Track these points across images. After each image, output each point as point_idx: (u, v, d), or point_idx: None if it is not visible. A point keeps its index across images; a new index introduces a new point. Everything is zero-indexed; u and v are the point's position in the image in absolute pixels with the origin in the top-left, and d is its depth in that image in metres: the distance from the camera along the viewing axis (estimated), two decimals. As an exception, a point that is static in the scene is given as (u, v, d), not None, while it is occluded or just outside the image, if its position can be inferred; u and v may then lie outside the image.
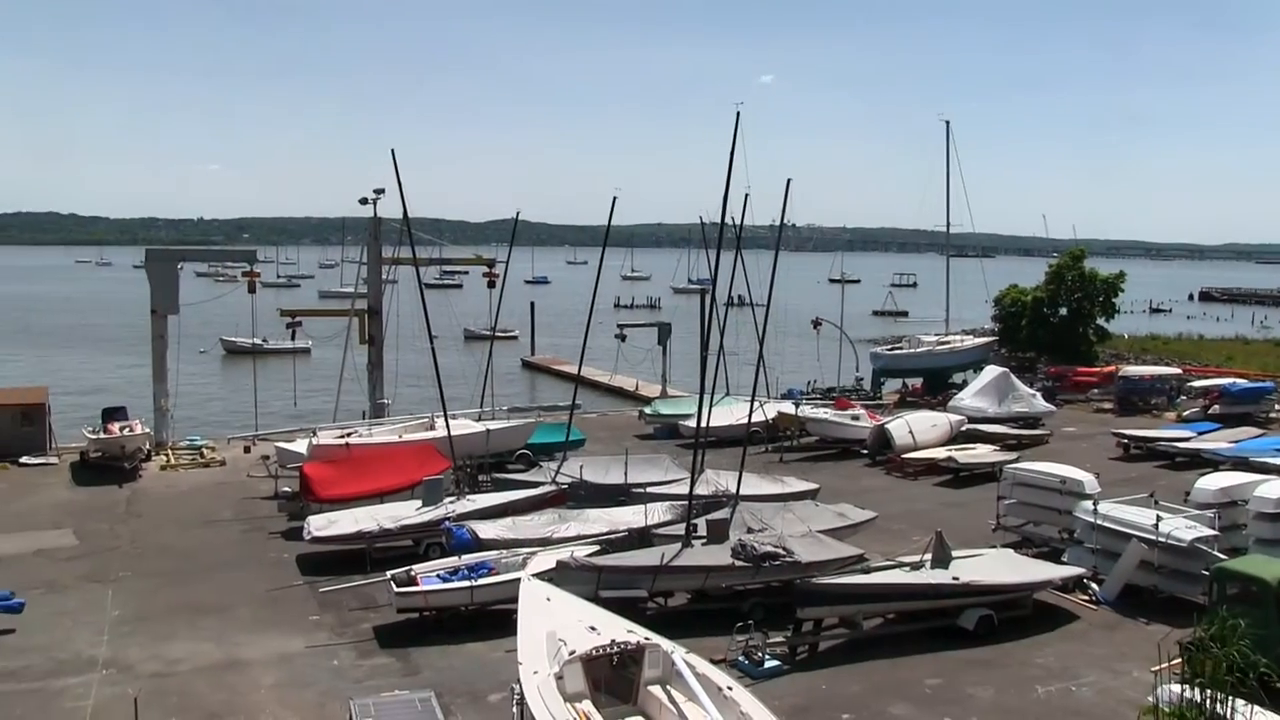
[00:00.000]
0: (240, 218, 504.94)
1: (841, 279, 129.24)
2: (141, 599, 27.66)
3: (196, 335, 64.69)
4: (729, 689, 17.23)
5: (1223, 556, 25.74)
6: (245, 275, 51.56)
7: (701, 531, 27.89)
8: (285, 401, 51.71)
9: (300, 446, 39.10)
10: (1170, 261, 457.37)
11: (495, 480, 37.34)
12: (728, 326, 34.60)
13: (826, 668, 23.28)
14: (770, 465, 41.64)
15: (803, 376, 65.57)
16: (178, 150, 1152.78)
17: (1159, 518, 27.18)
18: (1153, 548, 26.82)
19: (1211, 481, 31.63)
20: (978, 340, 73.77)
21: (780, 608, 25.07)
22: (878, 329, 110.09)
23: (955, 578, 25.39)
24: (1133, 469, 43.21)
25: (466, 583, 25.58)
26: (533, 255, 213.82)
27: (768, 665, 22.85)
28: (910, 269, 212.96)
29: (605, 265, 43.15)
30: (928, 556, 26.11)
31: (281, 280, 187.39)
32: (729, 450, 37.43)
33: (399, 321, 47.23)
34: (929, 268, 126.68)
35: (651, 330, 66.68)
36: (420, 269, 38.74)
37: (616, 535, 28.70)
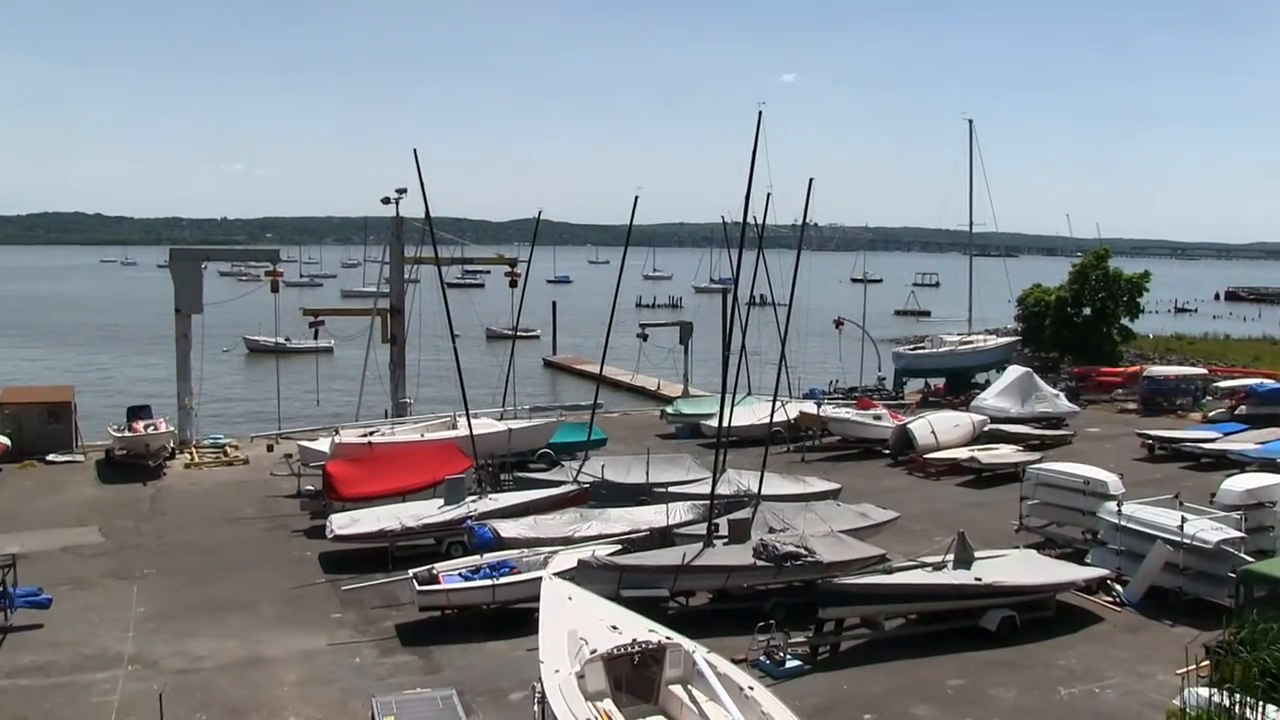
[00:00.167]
0: (263, 217, 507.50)
1: (864, 278, 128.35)
2: (166, 596, 27.84)
3: (220, 334, 65.06)
4: (750, 689, 17.22)
5: (1249, 559, 25.57)
6: (268, 275, 51.85)
7: (723, 531, 27.87)
8: (308, 400, 51.96)
9: (323, 445, 39.20)
10: (1196, 261, 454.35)
11: (517, 479, 37.39)
12: (750, 326, 34.61)
13: (848, 668, 23.22)
14: (792, 465, 41.59)
15: (825, 376, 65.44)
16: (202, 150, 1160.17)
17: (1184, 519, 26.99)
18: (1178, 549, 26.62)
19: (1238, 483, 31.38)
20: (1001, 340, 73.42)
21: (802, 608, 25.00)
22: (900, 329, 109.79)
23: (978, 578, 25.28)
24: (1157, 470, 42.92)
25: (488, 581, 25.63)
26: (554, 255, 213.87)
27: (789, 665, 22.81)
28: (933, 268, 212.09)
29: (627, 265, 43.15)
30: (950, 557, 26.00)
31: (304, 280, 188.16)
32: (751, 450, 37.36)
33: (421, 321, 47.35)
34: (951, 267, 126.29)
35: (673, 330, 66.64)
36: (442, 268, 38.85)
37: (638, 535, 28.73)
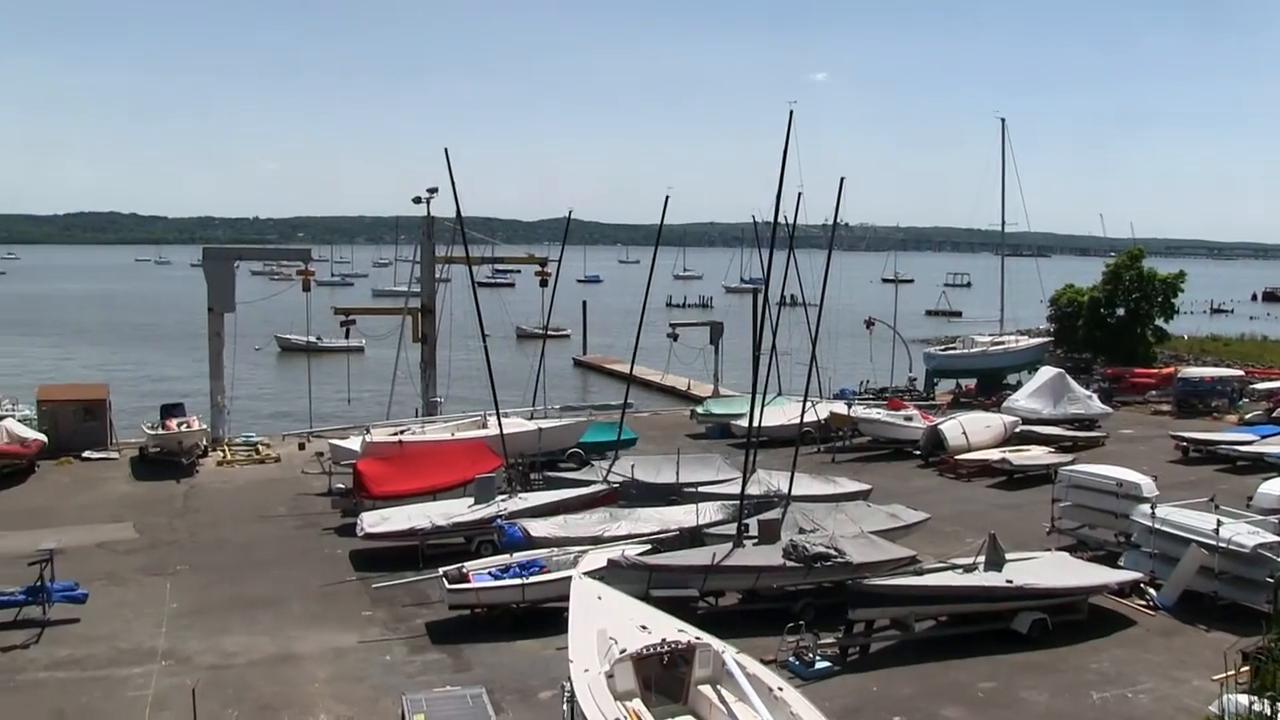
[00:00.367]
0: (295, 217, 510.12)
1: (895, 279, 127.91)
2: (198, 592, 28.08)
3: (252, 333, 65.39)
4: (779, 689, 17.19)
5: (1287, 563, 25.27)
6: (300, 274, 52.09)
7: (753, 531, 27.83)
8: (339, 399, 52.21)
9: (354, 444, 39.37)
10: (1233, 261, 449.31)
11: (547, 478, 37.43)
12: (780, 326, 34.47)
13: (878, 669, 23.15)
14: (822, 465, 41.57)
15: (855, 376, 65.18)
16: (234, 150, 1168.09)
17: (1220, 522, 26.72)
18: (1213, 553, 26.34)
19: (1275, 486, 31.10)
20: (1033, 341, 73.02)
21: (831, 609, 24.96)
22: (931, 329, 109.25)
23: (1009, 580, 25.14)
24: (1192, 472, 42.53)
25: (518, 580, 25.68)
26: (585, 254, 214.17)
27: (818, 666, 22.77)
28: (964, 268, 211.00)
29: (657, 264, 43.11)
30: (981, 559, 25.88)
31: (336, 279, 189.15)
32: (781, 450, 37.27)
33: (452, 320, 47.52)
34: (983, 267, 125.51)
35: (703, 329, 66.53)
36: (473, 267, 38.92)
37: (668, 534, 28.73)
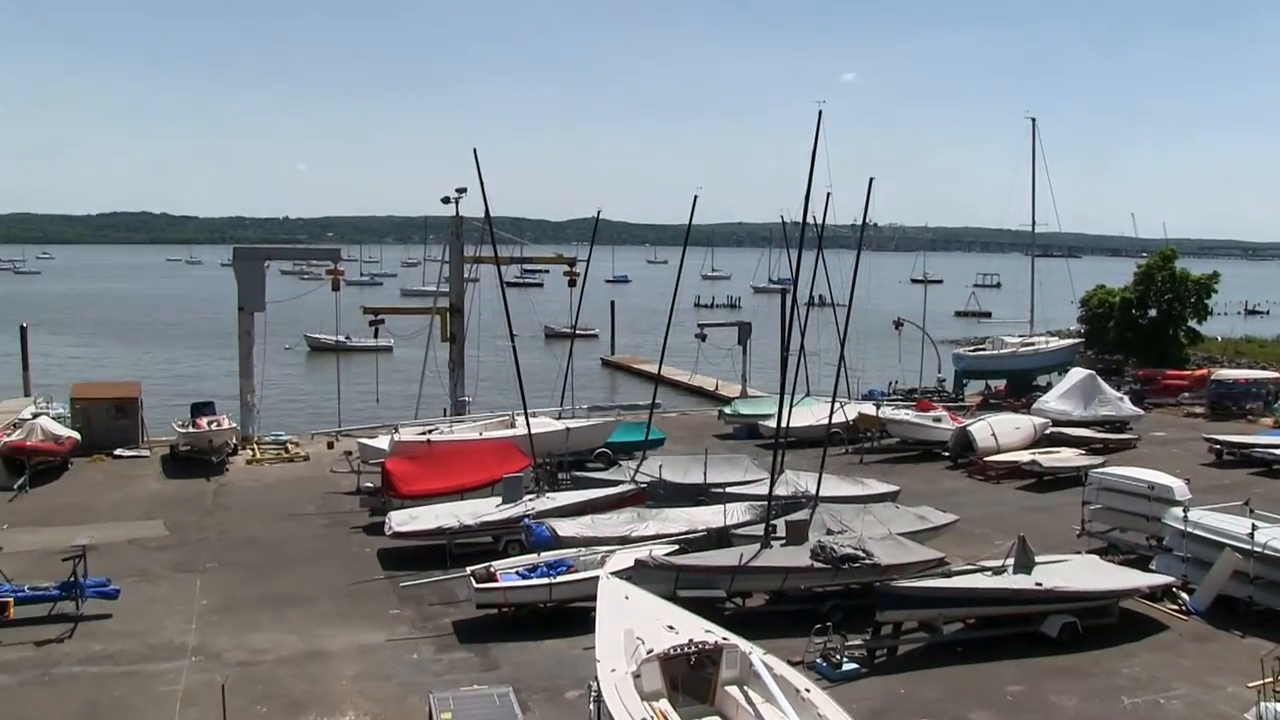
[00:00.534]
0: (324, 216, 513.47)
1: (924, 279, 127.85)
2: (228, 589, 28.25)
3: (282, 332, 65.76)
4: (806, 691, 17.12)
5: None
6: (329, 273, 52.30)
7: (781, 532, 27.76)
8: (368, 398, 52.37)
9: (382, 443, 39.53)
10: (1268, 261, 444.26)
11: (575, 478, 37.46)
12: (808, 326, 34.39)
13: (905, 672, 23.01)
14: (850, 466, 41.39)
15: (884, 377, 64.95)
16: (264, 151, 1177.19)
17: (1254, 526, 26.40)
18: (1248, 558, 26.05)
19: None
20: (1063, 342, 72.57)
21: (859, 610, 24.88)
22: (960, 330, 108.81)
23: (1038, 583, 24.93)
24: (1225, 475, 42.08)
25: (545, 580, 25.71)
26: (613, 254, 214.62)
27: (846, 668, 22.65)
28: (994, 269, 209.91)
29: (685, 264, 43.05)
30: (1010, 561, 25.69)
31: (365, 278, 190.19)
32: (809, 451, 37.23)
33: (480, 320, 47.65)
34: (1013, 268, 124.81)
35: (732, 330, 66.44)
36: (501, 267, 39.00)
37: (695, 535, 28.72)
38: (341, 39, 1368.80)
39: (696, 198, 40.82)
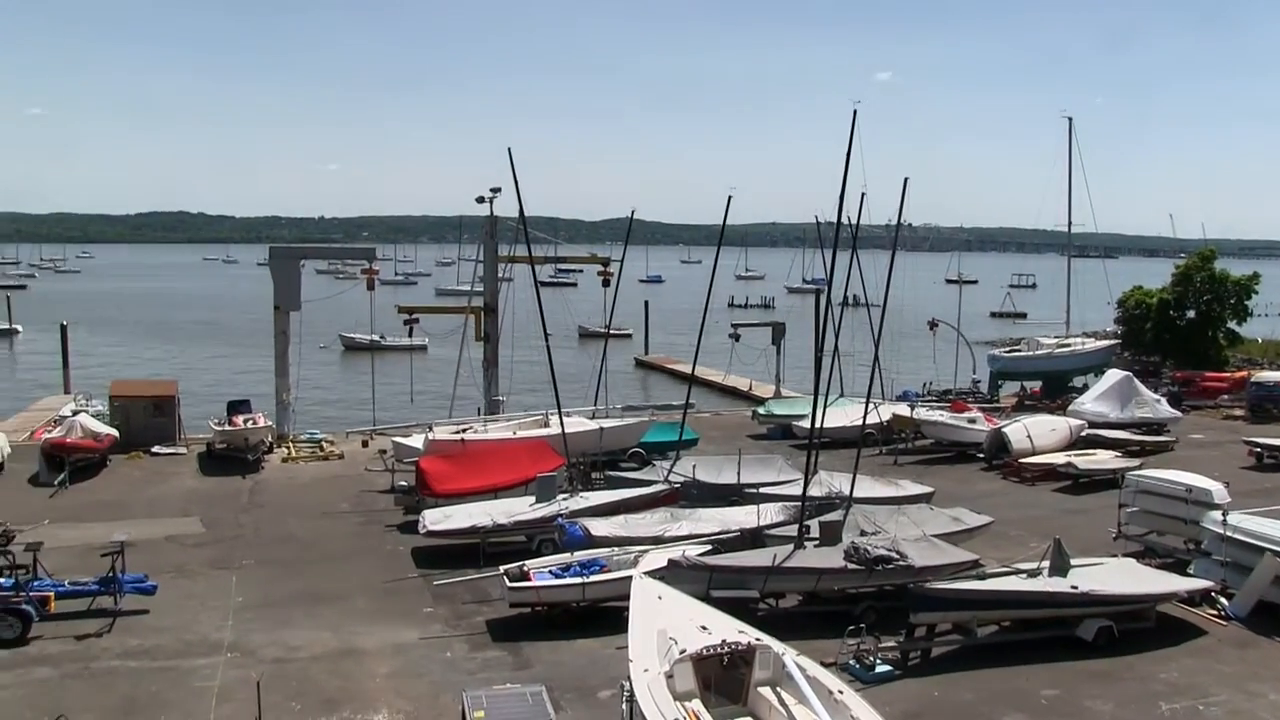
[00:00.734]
0: (359, 216, 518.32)
1: (959, 280, 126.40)
2: (263, 586, 28.45)
3: (317, 331, 66.22)
4: (840, 692, 17.06)
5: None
6: (364, 273, 52.64)
7: (814, 533, 27.66)
8: (402, 397, 52.64)
9: (416, 441, 39.67)
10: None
11: (608, 478, 37.52)
12: (843, 327, 34.22)
13: (939, 674, 22.87)
14: (884, 468, 41.19)
15: (918, 378, 64.67)
16: (300, 151, 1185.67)
17: (1296, 531, 26.10)
18: (1289, 563, 25.75)
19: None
20: (1099, 343, 72.00)
21: (892, 612, 24.75)
22: (995, 331, 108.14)
23: (1074, 586, 24.70)
24: (1266, 479, 41.54)
25: (579, 579, 25.73)
26: (647, 254, 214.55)
27: (879, 670, 22.56)
28: (1029, 269, 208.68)
29: (719, 264, 43.01)
30: (1045, 564, 25.48)
31: (399, 278, 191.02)
32: (843, 452, 37.08)
33: (514, 319, 47.75)
34: (1049, 269, 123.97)
35: (766, 330, 66.34)
36: (535, 267, 39.06)
37: (728, 535, 28.68)
38: (377, 39, 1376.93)
39: (731, 198, 40.77)
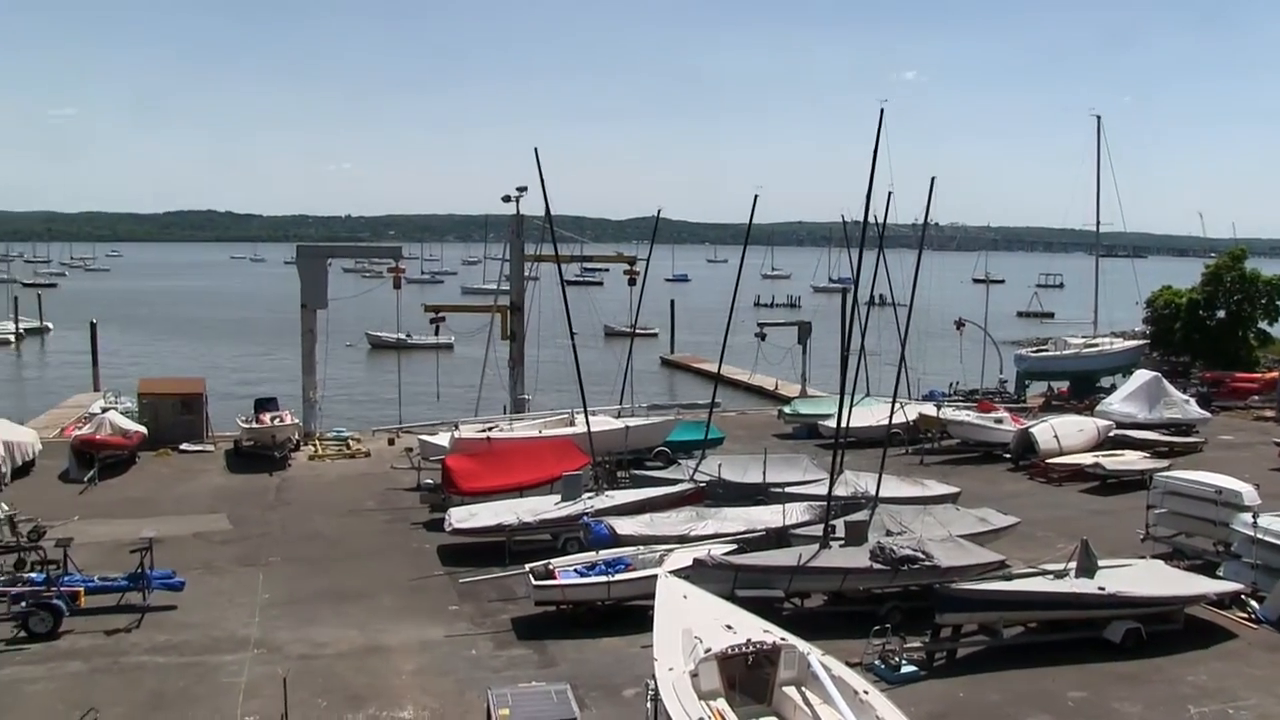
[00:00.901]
0: (386, 215, 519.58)
1: (985, 279, 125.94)
2: (290, 583, 28.62)
3: (344, 330, 66.43)
4: (865, 693, 17.03)
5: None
6: (391, 271, 52.82)
7: (840, 533, 27.58)
8: (428, 395, 52.82)
9: (443, 440, 39.79)
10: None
11: (634, 477, 37.55)
12: (869, 326, 34.18)
13: (965, 675, 22.78)
14: (910, 467, 41.08)
15: (945, 378, 64.38)
16: (326, 150, 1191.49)
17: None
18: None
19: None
20: (1127, 343, 71.48)
21: (918, 612, 24.64)
22: (1022, 330, 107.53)
23: (1101, 588, 24.55)
24: (1296, 481, 41.19)
25: (604, 578, 25.78)
26: (673, 253, 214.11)
27: (904, 670, 22.49)
28: (1057, 269, 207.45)
29: (745, 263, 42.95)
30: (1073, 565, 25.32)
31: (425, 276, 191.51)
32: (869, 451, 36.95)
33: (540, 318, 47.81)
34: (1076, 268, 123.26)
35: (791, 329, 66.24)
36: (561, 266, 39.09)
37: (754, 534, 28.62)
38: (404, 39, 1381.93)
39: (757, 197, 40.71)
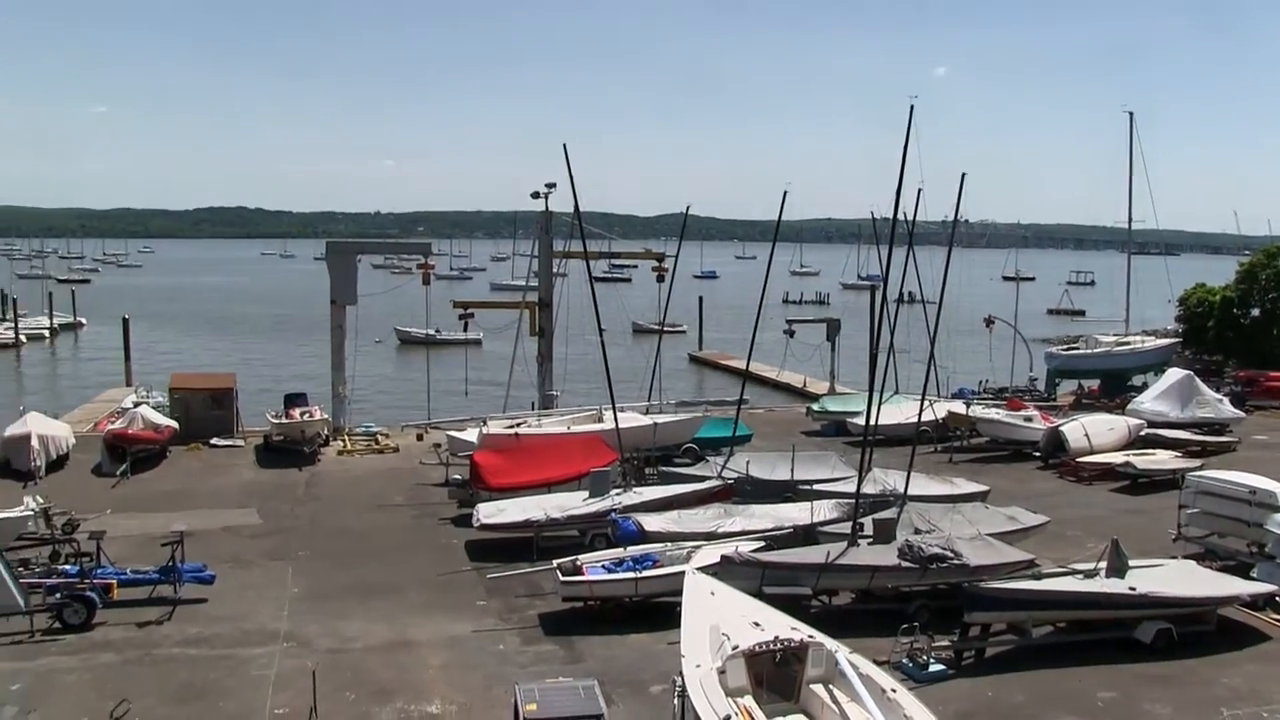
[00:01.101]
0: (415, 211, 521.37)
1: (1016, 276, 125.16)
2: (318, 577, 28.79)
3: (373, 325, 66.79)
4: (892, 691, 16.99)
5: None
6: (420, 267, 52.93)
7: (868, 530, 27.52)
8: (457, 391, 52.96)
9: (471, 435, 39.90)
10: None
11: (662, 473, 37.52)
12: (898, 323, 34.01)
13: (993, 674, 22.67)
14: (939, 465, 40.92)
15: (974, 376, 63.98)
16: (356, 147, 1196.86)
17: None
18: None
19: None
20: (1160, 341, 70.82)
21: (946, 611, 24.52)
22: (1053, 328, 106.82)
23: (1132, 588, 24.36)
24: (1331, 481, 40.70)
25: (631, 574, 25.81)
26: (701, 250, 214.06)
27: (932, 669, 22.41)
28: (1088, 266, 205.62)
29: (774, 260, 42.87)
30: (1103, 565, 25.13)
31: (454, 273, 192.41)
32: (897, 449, 36.81)
33: (569, 314, 47.85)
34: (1108, 266, 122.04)
35: (820, 326, 66.02)
36: (590, 262, 39.11)
37: (782, 531, 28.58)
38: (432, 34, 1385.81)
39: (786, 193, 40.67)
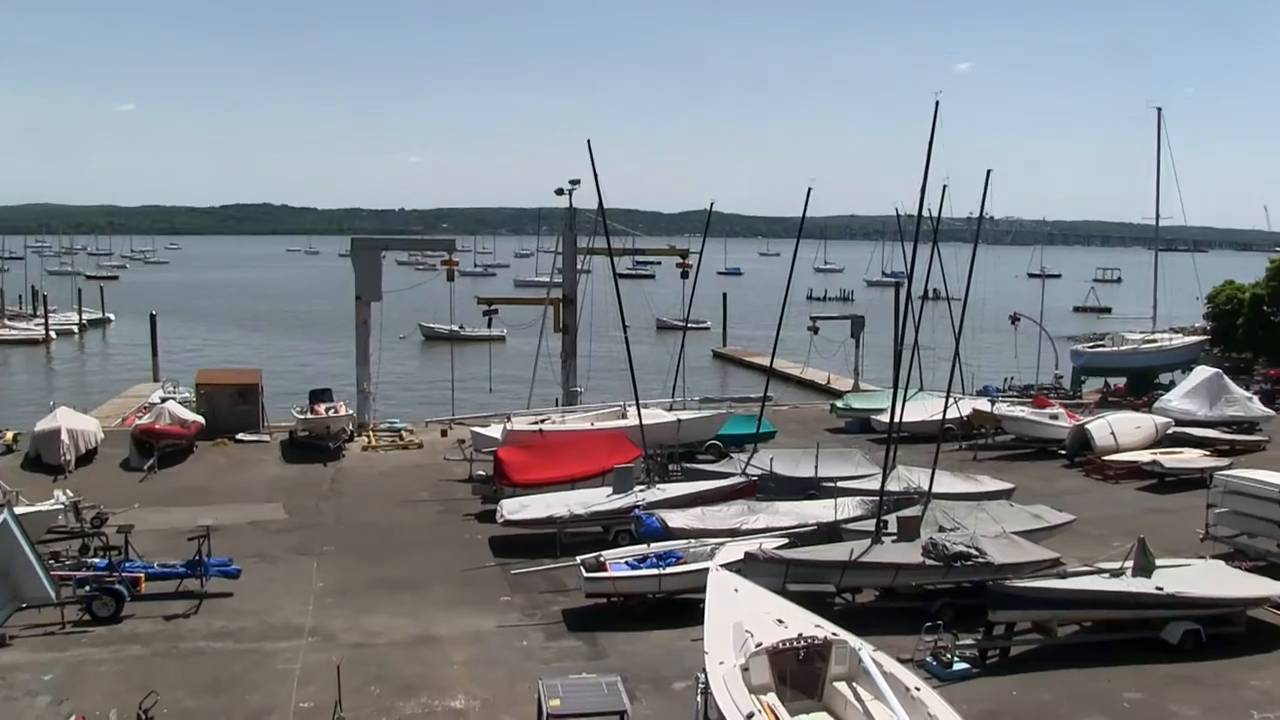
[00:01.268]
0: (439, 208, 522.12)
1: (1041, 273, 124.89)
2: (343, 572, 28.94)
3: (397, 322, 66.99)
4: (916, 689, 16.95)
5: None
6: (444, 264, 53.27)
7: (892, 528, 27.42)
8: (481, 387, 53.10)
9: (495, 431, 40.05)
10: None
11: (685, 470, 37.56)
12: (922, 320, 33.85)
13: (1018, 673, 22.55)
14: (964, 463, 40.76)
15: (999, 373, 63.73)
16: (381, 143, 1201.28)
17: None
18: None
19: None
20: (1187, 339, 70.27)
21: (970, 609, 24.41)
22: (1079, 326, 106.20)
23: (1159, 588, 24.16)
24: (1362, 481, 40.27)
25: (655, 571, 25.83)
26: (725, 246, 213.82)
27: (956, 667, 22.30)
28: (1115, 263, 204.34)
29: (798, 257, 42.76)
30: (1129, 564, 24.95)
31: (479, 269, 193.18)
32: (922, 446, 36.71)
33: (593, 311, 47.93)
34: (1135, 263, 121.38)
35: (844, 323, 65.85)
36: (614, 259, 39.12)
37: (805, 529, 28.54)
38: (455, 31, 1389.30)
39: (810, 190, 40.54)
